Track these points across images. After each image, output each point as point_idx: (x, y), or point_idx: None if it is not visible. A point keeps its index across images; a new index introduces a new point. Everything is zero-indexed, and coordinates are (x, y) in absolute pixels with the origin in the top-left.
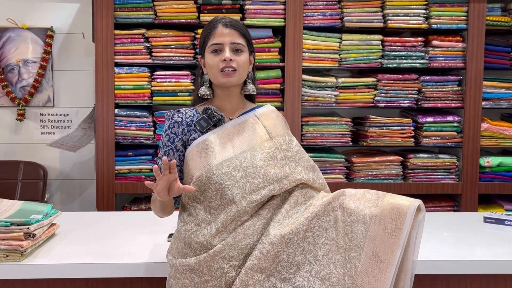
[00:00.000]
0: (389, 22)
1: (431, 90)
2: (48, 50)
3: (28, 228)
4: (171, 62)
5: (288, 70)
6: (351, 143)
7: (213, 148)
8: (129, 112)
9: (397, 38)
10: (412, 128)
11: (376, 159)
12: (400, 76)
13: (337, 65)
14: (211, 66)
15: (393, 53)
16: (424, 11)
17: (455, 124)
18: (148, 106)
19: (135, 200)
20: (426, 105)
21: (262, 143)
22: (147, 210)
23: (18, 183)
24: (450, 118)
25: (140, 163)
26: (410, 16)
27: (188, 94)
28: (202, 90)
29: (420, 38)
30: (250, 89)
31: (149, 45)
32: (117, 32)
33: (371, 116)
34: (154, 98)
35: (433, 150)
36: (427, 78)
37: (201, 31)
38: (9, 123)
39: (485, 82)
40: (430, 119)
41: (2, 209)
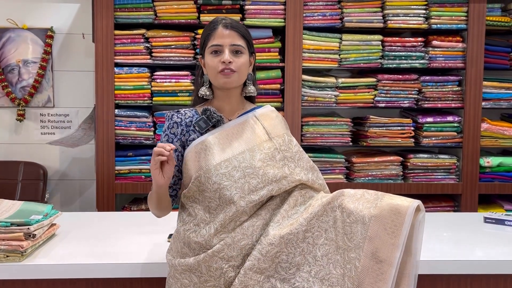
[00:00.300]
0: (389, 22)
1: (431, 90)
2: (48, 51)
3: (28, 228)
4: (171, 62)
5: (288, 70)
6: (351, 143)
7: (212, 148)
8: (129, 112)
9: (397, 38)
10: (412, 128)
11: (376, 159)
12: (400, 76)
13: (337, 65)
14: (211, 67)
15: (393, 53)
16: (424, 11)
17: (455, 124)
18: (148, 107)
19: (135, 200)
20: (426, 105)
21: (261, 144)
22: (147, 210)
23: (18, 184)
24: (450, 118)
25: (140, 163)
26: (410, 16)
27: (188, 94)
28: (202, 91)
29: (420, 38)
30: (250, 90)
31: (149, 45)
32: (117, 32)
33: (371, 116)
34: (154, 99)
35: (433, 150)
36: (427, 78)
37: (201, 32)
38: (9, 124)
39: (485, 82)
40: (430, 119)
41: (2, 209)
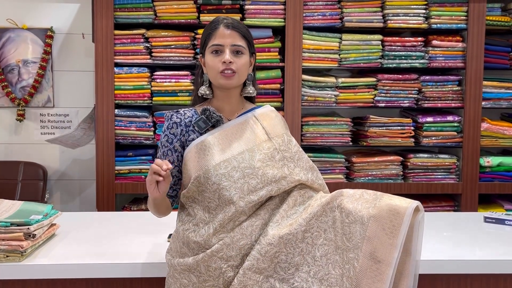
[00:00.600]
0: (389, 22)
1: (431, 90)
2: (48, 51)
3: (28, 228)
4: (171, 62)
5: (288, 70)
6: (351, 143)
7: (211, 149)
8: (129, 112)
9: (397, 38)
10: (412, 128)
11: (376, 159)
12: (400, 76)
13: (337, 65)
14: (211, 67)
15: (393, 53)
16: (424, 11)
17: (455, 124)
18: (148, 106)
19: (135, 200)
20: (426, 105)
21: (261, 144)
22: (147, 210)
23: (18, 184)
24: (450, 118)
25: (140, 163)
26: (410, 16)
27: (188, 94)
28: (202, 90)
29: (420, 38)
30: (250, 90)
31: (149, 45)
32: (117, 32)
33: (371, 116)
34: (154, 98)
35: (433, 150)
36: (427, 78)
37: (201, 31)
38: (9, 124)
39: (485, 82)
40: (430, 119)
41: (2, 209)
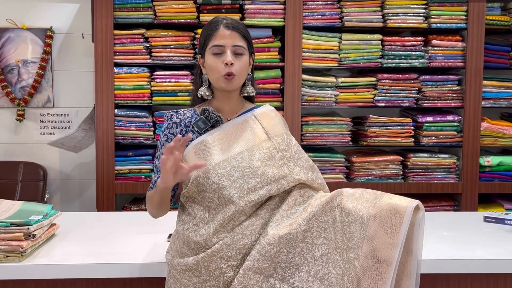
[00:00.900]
0: (388, 21)
1: (431, 89)
2: (47, 51)
3: (28, 228)
4: (171, 62)
5: (287, 70)
6: (351, 143)
7: (210, 149)
8: (128, 112)
9: (396, 38)
10: (412, 127)
11: (376, 159)
12: (399, 75)
13: (336, 64)
14: (212, 68)
15: (392, 52)
16: (423, 11)
17: (455, 123)
18: (147, 106)
19: (135, 200)
20: (426, 104)
21: (260, 143)
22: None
23: (18, 184)
24: (450, 118)
25: (140, 163)
26: (410, 15)
27: (187, 94)
28: (202, 91)
29: (419, 38)
30: (249, 90)
31: (148, 45)
32: (116, 32)
33: (371, 115)
34: (153, 98)
35: (433, 149)
36: (427, 77)
37: (200, 31)
38: (8, 124)
39: (484, 82)
40: (430, 119)
41: (2, 209)
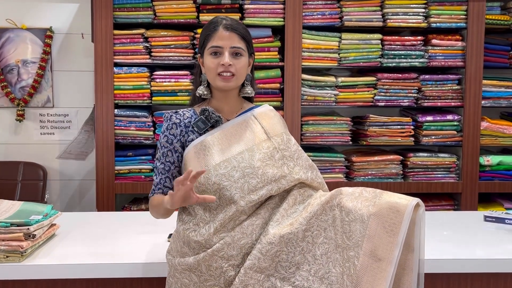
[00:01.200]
0: (388, 21)
1: (431, 89)
2: (47, 51)
3: (28, 228)
4: (171, 62)
5: (287, 70)
6: (351, 143)
7: (210, 149)
8: (128, 112)
9: (396, 37)
10: (412, 127)
11: (376, 158)
12: (399, 75)
13: (336, 64)
14: (210, 68)
15: (392, 52)
16: (423, 10)
17: (455, 123)
18: (147, 106)
19: (135, 200)
20: (425, 104)
21: (260, 143)
22: (147, 210)
23: (18, 184)
24: (449, 117)
25: (140, 163)
26: (410, 15)
27: (187, 94)
28: (200, 90)
29: (419, 37)
30: (248, 91)
31: (148, 45)
32: (116, 32)
33: (371, 115)
34: (153, 98)
35: (433, 149)
36: (427, 77)
37: (200, 31)
38: (8, 124)
39: (484, 81)
40: (429, 118)
41: (2, 209)
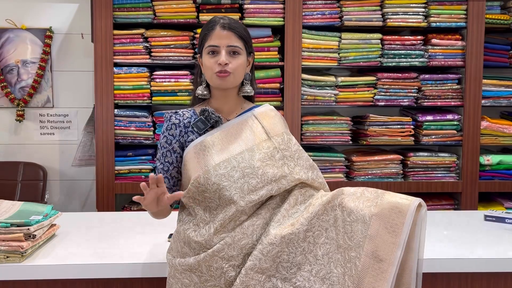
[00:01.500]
0: (388, 20)
1: (431, 88)
2: (47, 51)
3: (28, 229)
4: (171, 62)
5: (287, 69)
6: (351, 142)
7: (210, 149)
8: (128, 112)
9: (396, 37)
10: (412, 126)
11: (376, 158)
12: (399, 74)
13: (336, 64)
14: (207, 67)
15: (392, 51)
16: (423, 10)
17: (455, 122)
18: (147, 106)
19: None
20: (425, 103)
21: (260, 143)
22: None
23: (18, 184)
24: (449, 117)
25: (140, 163)
26: (409, 14)
27: (187, 94)
28: (199, 90)
29: (419, 37)
30: (247, 90)
31: (148, 45)
32: (116, 32)
33: (371, 115)
34: (153, 98)
35: (433, 148)
36: (427, 76)
37: (200, 31)
38: (8, 124)
39: (484, 80)
40: (430, 118)
41: (2, 210)
